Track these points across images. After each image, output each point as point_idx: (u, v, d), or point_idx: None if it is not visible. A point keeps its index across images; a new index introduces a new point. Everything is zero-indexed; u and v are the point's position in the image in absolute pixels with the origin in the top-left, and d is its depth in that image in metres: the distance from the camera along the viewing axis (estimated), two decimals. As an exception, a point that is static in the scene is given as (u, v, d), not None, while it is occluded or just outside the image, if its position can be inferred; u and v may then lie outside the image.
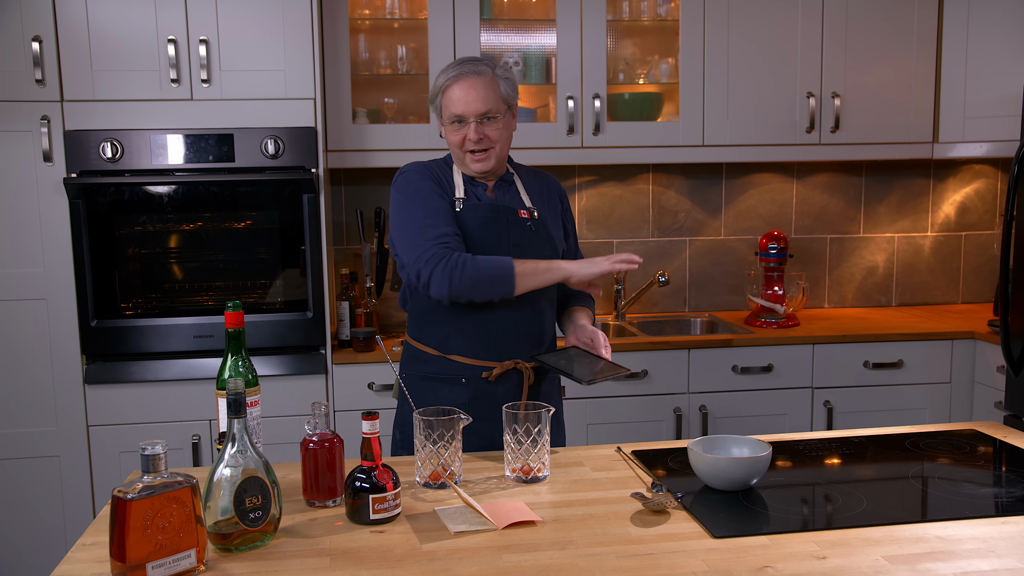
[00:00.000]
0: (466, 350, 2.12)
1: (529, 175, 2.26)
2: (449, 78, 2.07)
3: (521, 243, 2.12)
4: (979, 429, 2.11)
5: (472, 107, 2.05)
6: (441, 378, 2.13)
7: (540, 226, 2.17)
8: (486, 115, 2.06)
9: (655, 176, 3.73)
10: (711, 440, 1.77)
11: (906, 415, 3.29)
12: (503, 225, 2.11)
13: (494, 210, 2.12)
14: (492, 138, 2.08)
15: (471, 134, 2.06)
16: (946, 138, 3.52)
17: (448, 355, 2.13)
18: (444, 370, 2.13)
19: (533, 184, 2.24)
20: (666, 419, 3.19)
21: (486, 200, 2.15)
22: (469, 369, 2.12)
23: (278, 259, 3.05)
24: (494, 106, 2.07)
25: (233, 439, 1.47)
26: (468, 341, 2.11)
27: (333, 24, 3.16)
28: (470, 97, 2.04)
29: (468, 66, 2.08)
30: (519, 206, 2.17)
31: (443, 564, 1.42)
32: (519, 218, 2.14)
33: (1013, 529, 1.53)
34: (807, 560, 1.42)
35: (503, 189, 2.19)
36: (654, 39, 3.57)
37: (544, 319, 2.19)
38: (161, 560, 1.34)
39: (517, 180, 2.22)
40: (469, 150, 2.08)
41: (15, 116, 2.84)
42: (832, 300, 3.90)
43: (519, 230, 2.13)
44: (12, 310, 2.91)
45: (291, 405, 2.99)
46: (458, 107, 2.06)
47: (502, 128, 2.09)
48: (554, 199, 2.27)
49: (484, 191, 2.16)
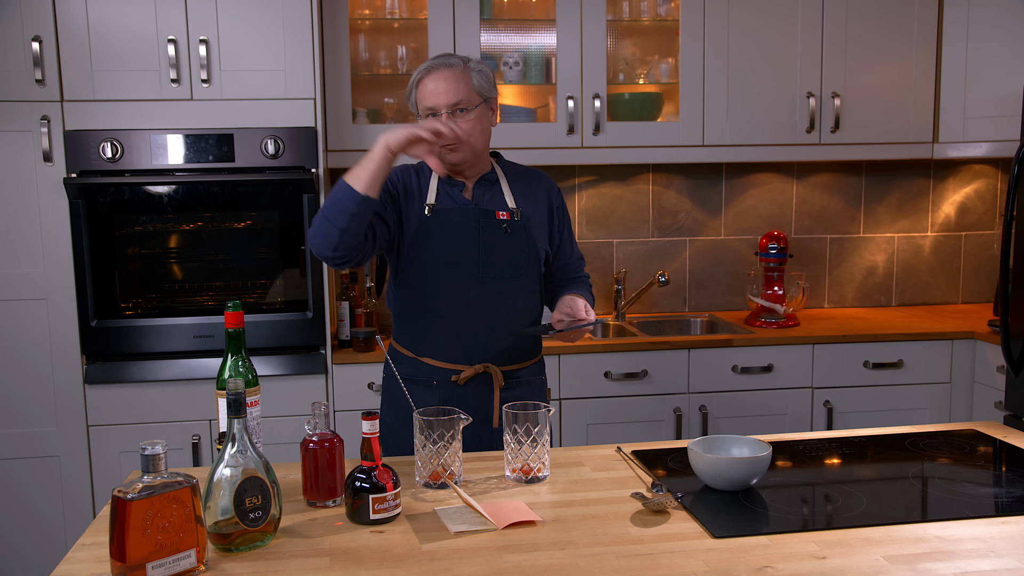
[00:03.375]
0: (436, 352, 2.12)
1: (519, 174, 2.23)
2: (421, 72, 2.08)
3: (493, 246, 2.10)
4: (979, 429, 2.11)
5: (443, 99, 2.04)
6: (415, 379, 2.12)
7: (519, 227, 2.14)
8: (457, 106, 2.04)
9: (655, 176, 3.73)
10: (711, 440, 1.77)
11: (906, 415, 3.29)
12: (472, 228, 2.09)
13: (464, 214, 2.10)
14: (464, 130, 2.04)
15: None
16: (946, 138, 3.51)
17: (420, 357, 2.13)
18: (418, 372, 2.13)
19: (521, 183, 2.21)
20: (666, 419, 3.19)
21: (461, 202, 2.12)
22: (440, 372, 2.12)
23: (278, 259, 3.05)
24: (465, 98, 2.05)
25: (233, 439, 1.47)
26: (439, 343, 2.11)
27: (333, 24, 3.16)
28: (440, 89, 2.04)
29: (439, 59, 2.08)
30: (499, 207, 2.14)
31: (443, 564, 1.42)
32: (495, 220, 2.11)
33: (1013, 529, 1.53)
34: (807, 560, 1.42)
35: (484, 188, 2.15)
36: (654, 39, 3.57)
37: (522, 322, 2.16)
38: (161, 560, 1.34)
39: (502, 179, 2.18)
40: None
41: (15, 116, 2.84)
42: (832, 300, 3.90)
43: (491, 232, 2.11)
44: (12, 310, 2.91)
45: (291, 405, 2.99)
46: (430, 99, 2.05)
47: (475, 120, 2.07)
48: (542, 198, 2.22)
49: (461, 191, 2.13)
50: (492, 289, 2.11)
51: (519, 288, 2.15)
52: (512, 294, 2.13)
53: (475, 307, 2.09)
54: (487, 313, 2.11)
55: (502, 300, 2.11)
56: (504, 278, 2.12)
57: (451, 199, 2.12)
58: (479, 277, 2.10)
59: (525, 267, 2.15)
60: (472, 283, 2.10)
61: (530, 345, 2.21)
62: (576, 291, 2.25)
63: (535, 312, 2.21)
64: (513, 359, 2.17)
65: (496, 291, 2.11)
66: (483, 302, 2.10)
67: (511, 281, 2.13)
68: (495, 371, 2.11)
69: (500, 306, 2.12)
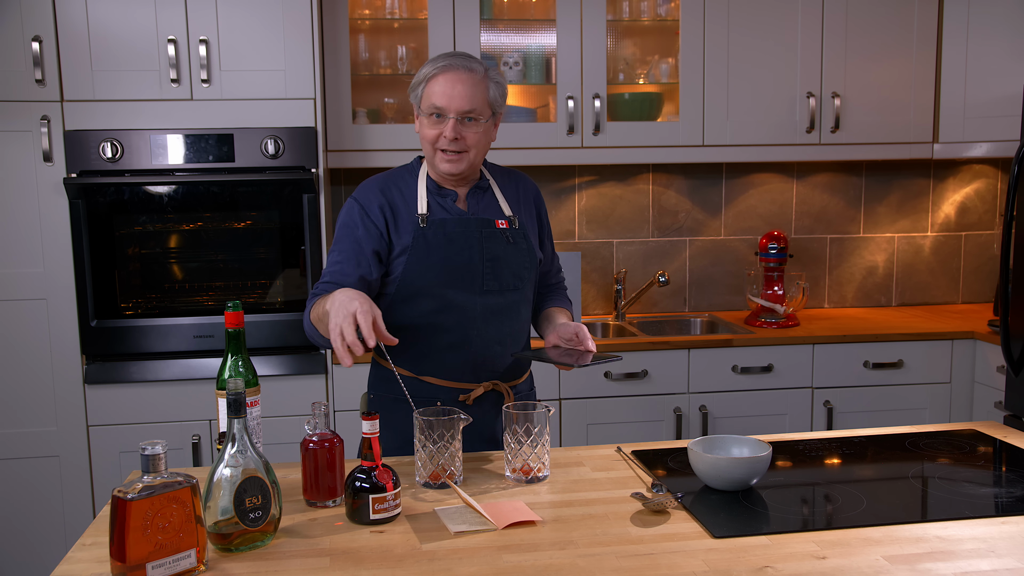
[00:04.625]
0: (440, 371, 1.99)
1: (504, 176, 2.10)
2: (437, 67, 1.92)
3: (497, 256, 1.98)
4: (979, 429, 2.11)
5: (455, 103, 1.89)
6: (413, 401, 1.87)
7: (520, 236, 2.02)
8: (468, 114, 1.91)
9: (655, 176, 3.73)
10: (711, 440, 1.77)
11: (906, 415, 3.29)
12: (475, 239, 1.97)
13: (463, 224, 1.97)
14: (469, 141, 1.92)
15: (448, 131, 1.90)
16: (946, 138, 3.51)
17: (421, 376, 1.99)
18: (417, 392, 1.95)
19: (510, 187, 2.09)
20: (666, 419, 3.19)
21: (455, 212, 1.99)
22: (444, 391, 1.99)
23: (278, 259, 3.05)
24: (478, 107, 1.91)
25: (233, 439, 1.47)
26: (443, 361, 1.99)
27: (333, 24, 3.16)
28: (455, 92, 1.89)
29: (460, 60, 1.93)
30: (496, 215, 2.02)
31: (443, 564, 1.42)
32: (496, 229, 1.99)
33: (1013, 529, 1.53)
34: (807, 560, 1.42)
35: (477, 197, 2.03)
36: (654, 39, 3.57)
37: (524, 335, 2.08)
38: (161, 560, 1.34)
39: (493, 185, 2.06)
40: (442, 148, 1.93)
41: (15, 116, 2.84)
42: (832, 300, 3.90)
43: (494, 243, 1.98)
44: (12, 310, 2.91)
45: (291, 405, 2.99)
46: (440, 99, 1.90)
47: (481, 134, 1.94)
48: (530, 203, 2.11)
49: (453, 201, 2.00)
50: (498, 303, 1.99)
51: (522, 300, 2.05)
52: (516, 307, 2.03)
53: (481, 322, 1.98)
54: (493, 328, 1.99)
55: (507, 314, 2.00)
56: (508, 290, 2.00)
57: (443, 210, 1.99)
58: (484, 290, 1.98)
59: (527, 277, 2.04)
60: (477, 297, 1.97)
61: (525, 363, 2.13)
62: (560, 304, 2.16)
63: (529, 324, 2.12)
64: (515, 375, 2.09)
65: (502, 304, 2.00)
66: (489, 316, 1.98)
67: (515, 293, 2.02)
68: (505, 388, 2.02)
69: (505, 321, 2.01)
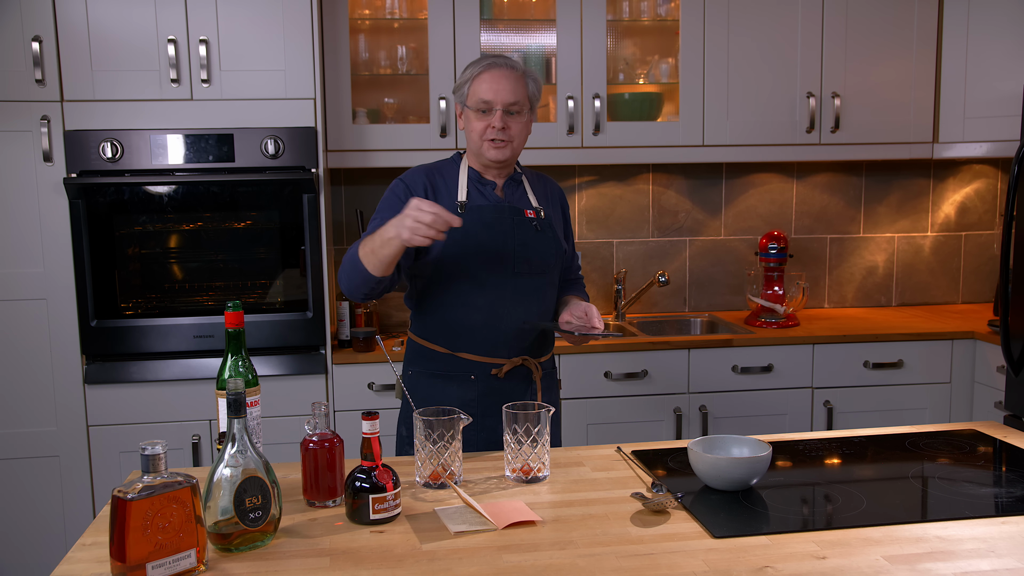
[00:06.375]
0: (474, 347, 2.14)
1: (533, 176, 2.30)
2: (482, 66, 2.13)
3: (527, 242, 2.16)
4: (979, 429, 2.11)
5: (501, 96, 2.09)
6: (449, 375, 2.15)
7: (546, 226, 2.20)
8: (512, 107, 2.11)
9: (655, 176, 3.73)
10: (711, 440, 1.77)
11: (906, 415, 3.29)
12: (508, 225, 2.14)
13: (498, 210, 2.15)
14: (513, 131, 2.12)
15: (495, 122, 2.09)
16: (946, 138, 3.51)
17: (457, 352, 2.15)
18: (452, 368, 2.15)
19: (539, 186, 2.28)
20: (666, 419, 3.19)
21: (493, 199, 2.17)
22: (478, 366, 2.15)
23: (278, 259, 3.05)
24: (521, 100, 2.12)
25: (233, 439, 1.47)
26: (476, 338, 2.14)
27: (333, 24, 3.16)
28: (501, 86, 2.09)
29: (501, 59, 2.15)
30: (526, 206, 2.21)
31: (443, 564, 1.42)
32: (525, 218, 2.17)
33: (1013, 529, 1.53)
34: (807, 560, 1.42)
35: (512, 188, 2.22)
36: (654, 39, 3.57)
37: (549, 316, 2.23)
38: (161, 560, 1.34)
39: (525, 181, 2.25)
40: (490, 138, 2.11)
41: (15, 116, 2.84)
42: (832, 300, 3.90)
43: (525, 230, 2.16)
44: (12, 310, 2.91)
45: (291, 405, 2.99)
46: (488, 94, 2.10)
47: (523, 125, 2.15)
48: (556, 202, 2.30)
49: (493, 190, 2.19)
50: (527, 285, 2.16)
51: (549, 284, 2.21)
52: (544, 289, 2.19)
53: (512, 302, 2.14)
54: (522, 308, 2.15)
55: (535, 295, 2.17)
56: (536, 273, 2.17)
57: (483, 196, 2.17)
58: (515, 273, 2.14)
59: (553, 263, 2.21)
60: (509, 278, 2.14)
61: (549, 340, 2.28)
62: (578, 294, 2.34)
63: (554, 308, 2.28)
64: (541, 352, 2.24)
65: (530, 287, 2.16)
66: (519, 297, 2.14)
67: (542, 277, 2.18)
68: (533, 364, 2.18)
69: (533, 301, 2.17)
